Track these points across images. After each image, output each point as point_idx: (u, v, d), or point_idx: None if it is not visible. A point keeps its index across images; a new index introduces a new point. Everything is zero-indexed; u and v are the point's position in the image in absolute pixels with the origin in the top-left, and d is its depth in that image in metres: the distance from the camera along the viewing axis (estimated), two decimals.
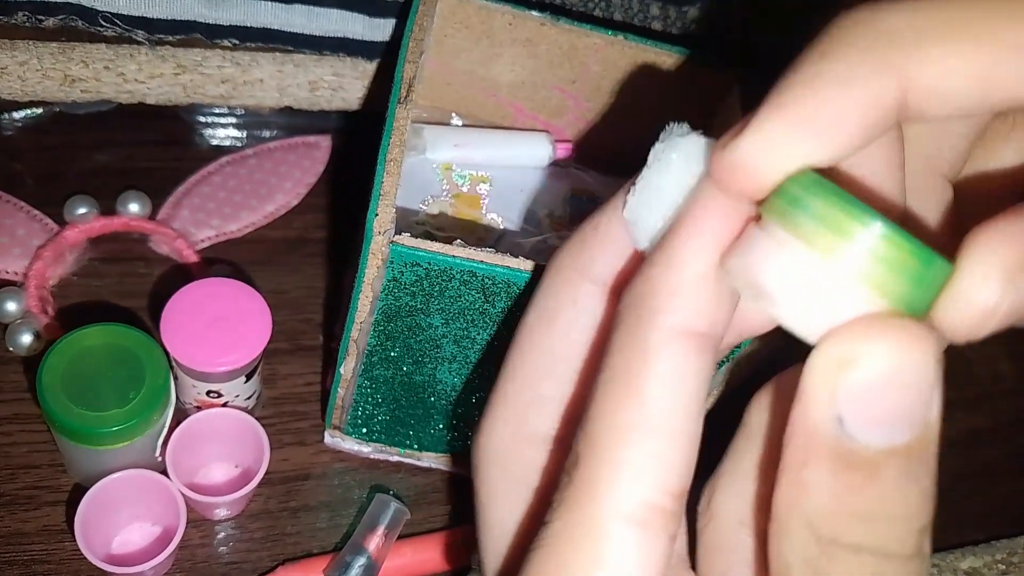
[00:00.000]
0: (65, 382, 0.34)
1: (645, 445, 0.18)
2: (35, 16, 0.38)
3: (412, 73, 0.34)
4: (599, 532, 0.18)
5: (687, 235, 0.19)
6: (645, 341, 0.18)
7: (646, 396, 0.18)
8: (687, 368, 0.18)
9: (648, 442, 0.18)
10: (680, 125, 0.21)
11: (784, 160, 0.18)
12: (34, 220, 0.44)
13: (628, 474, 0.18)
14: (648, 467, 0.18)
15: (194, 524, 0.39)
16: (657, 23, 0.46)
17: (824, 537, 0.17)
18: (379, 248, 0.30)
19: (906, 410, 0.17)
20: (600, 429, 0.19)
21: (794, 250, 0.17)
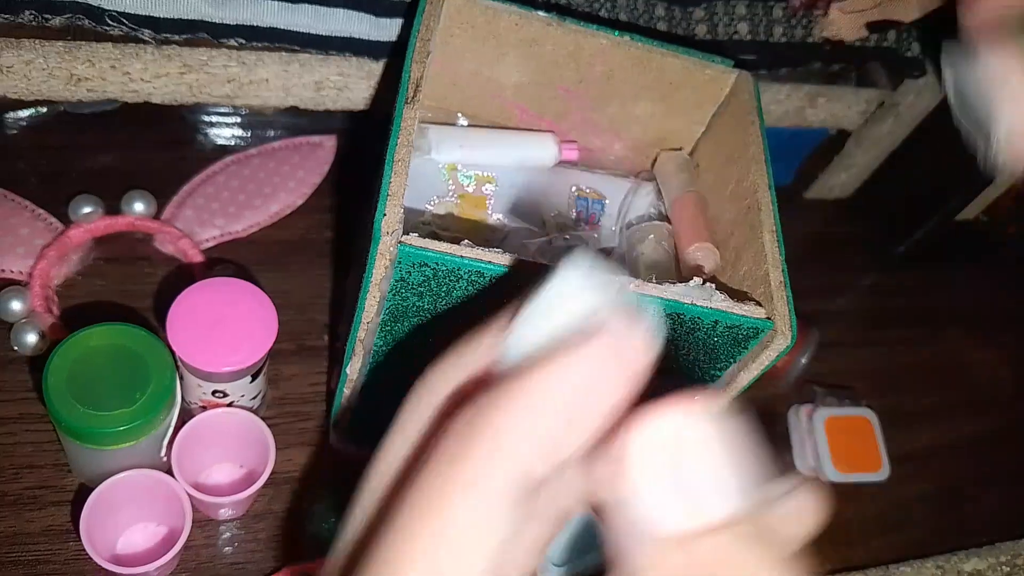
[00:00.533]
0: (70, 382, 0.34)
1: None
2: (41, 15, 0.38)
3: (419, 73, 0.34)
4: None
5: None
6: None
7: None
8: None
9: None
10: (578, 256, 0.21)
11: None
12: (38, 219, 0.44)
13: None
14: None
15: (198, 524, 0.39)
16: (662, 24, 0.46)
17: None
18: (387, 248, 0.30)
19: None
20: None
21: None
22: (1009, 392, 0.59)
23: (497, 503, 0.18)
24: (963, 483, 0.53)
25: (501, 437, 0.19)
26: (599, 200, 0.43)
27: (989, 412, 0.57)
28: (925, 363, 0.57)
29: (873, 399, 0.52)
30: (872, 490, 0.49)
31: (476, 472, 0.19)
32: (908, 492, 0.51)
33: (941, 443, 0.54)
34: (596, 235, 0.42)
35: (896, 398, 0.54)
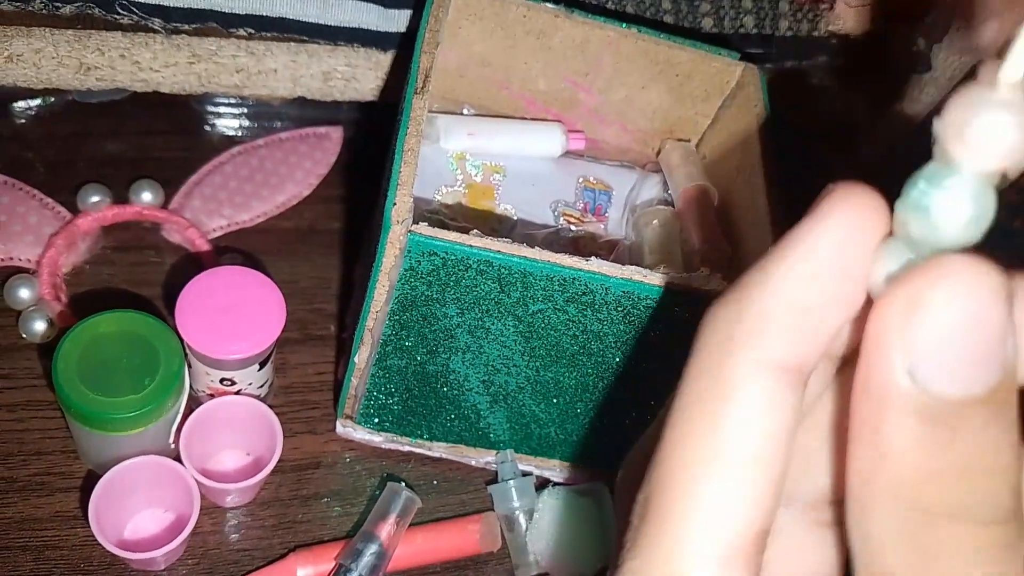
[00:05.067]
0: (80, 368, 0.34)
1: (721, 486, 0.17)
2: (52, 3, 0.38)
3: (428, 64, 0.34)
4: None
5: (788, 257, 0.17)
6: (728, 374, 0.17)
7: (727, 428, 0.17)
8: (773, 408, 0.17)
9: (724, 483, 0.17)
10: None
11: None
12: (46, 208, 0.44)
13: (701, 517, 0.17)
14: (723, 509, 0.17)
15: (205, 511, 0.39)
16: (669, 16, 0.47)
17: (916, 505, 0.16)
18: (397, 237, 0.30)
19: (984, 353, 0.15)
20: (674, 463, 0.17)
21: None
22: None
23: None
24: None
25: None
26: (606, 191, 0.43)
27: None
28: None
29: None
30: None
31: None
32: None
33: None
34: (603, 226, 0.42)
35: None
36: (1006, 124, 0.15)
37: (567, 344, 0.34)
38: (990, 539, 0.16)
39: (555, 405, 0.38)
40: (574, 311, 0.33)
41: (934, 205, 0.16)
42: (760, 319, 0.17)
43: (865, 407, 0.16)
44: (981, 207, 0.16)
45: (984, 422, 0.15)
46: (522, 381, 0.37)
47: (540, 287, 0.32)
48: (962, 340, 0.15)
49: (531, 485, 0.41)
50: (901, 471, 0.16)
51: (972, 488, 0.16)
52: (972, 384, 0.15)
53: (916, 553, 0.16)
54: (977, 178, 0.16)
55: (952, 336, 0.15)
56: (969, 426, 0.15)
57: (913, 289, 0.15)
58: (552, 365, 0.35)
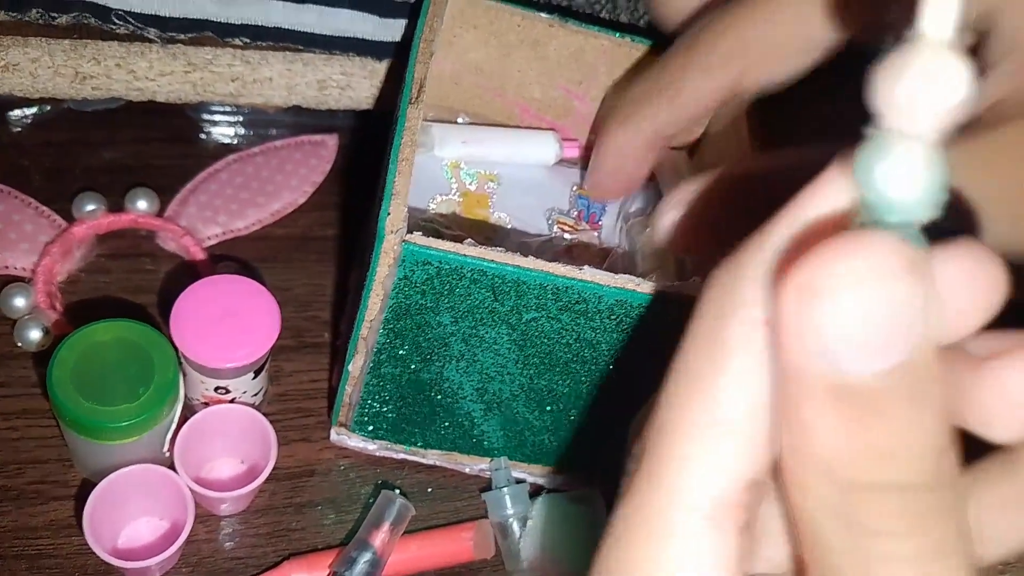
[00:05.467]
0: (75, 377, 0.35)
1: (715, 440, 0.17)
2: (48, 13, 0.38)
3: (423, 74, 0.35)
4: (665, 526, 0.18)
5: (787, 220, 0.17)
6: (726, 333, 0.17)
7: (718, 388, 0.17)
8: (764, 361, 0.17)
9: (718, 438, 0.17)
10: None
11: None
12: (42, 216, 0.45)
13: (696, 466, 0.17)
14: (716, 462, 0.17)
15: (200, 519, 0.39)
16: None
17: (843, 481, 0.16)
18: (391, 247, 0.30)
19: (891, 329, 0.15)
20: (669, 420, 0.18)
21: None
22: None
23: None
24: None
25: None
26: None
27: None
28: None
29: None
30: None
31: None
32: None
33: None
34: (597, 234, 0.42)
35: None
36: (933, 82, 0.14)
37: (561, 352, 0.34)
38: (916, 507, 0.16)
39: (549, 413, 0.38)
40: (568, 319, 0.33)
41: (878, 175, 0.15)
42: (757, 278, 0.17)
43: (786, 388, 0.16)
44: (925, 173, 0.15)
45: (900, 396, 0.15)
46: (516, 389, 0.37)
47: (534, 296, 0.32)
48: (866, 319, 0.15)
49: (525, 492, 0.41)
50: (825, 450, 0.16)
51: (893, 461, 0.16)
52: (884, 361, 0.15)
53: (848, 526, 0.16)
54: (917, 143, 0.15)
55: (856, 316, 0.15)
56: (887, 402, 0.15)
57: (813, 272, 0.15)
58: (546, 373, 0.36)
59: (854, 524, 0.16)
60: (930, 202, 0.15)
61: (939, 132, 0.15)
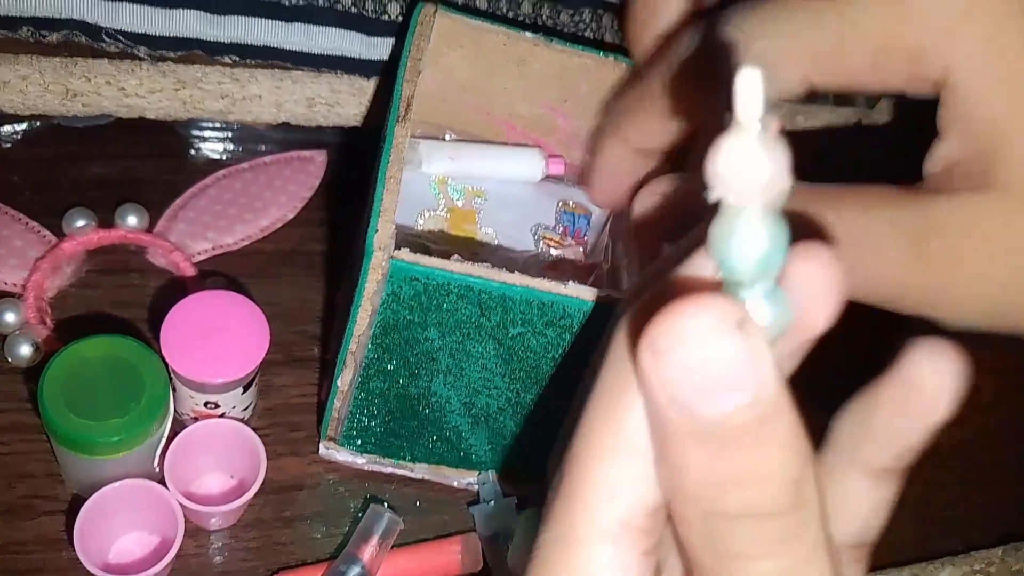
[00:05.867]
0: (66, 392, 0.35)
1: (621, 467, 0.19)
2: (39, 31, 0.39)
3: (410, 92, 0.35)
4: (579, 546, 0.20)
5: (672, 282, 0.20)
6: (629, 368, 0.19)
7: (625, 421, 0.19)
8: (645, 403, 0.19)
9: (624, 465, 0.19)
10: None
11: None
12: (32, 232, 0.45)
13: (604, 493, 0.20)
14: (621, 487, 0.20)
15: (189, 533, 0.39)
16: None
17: (707, 511, 0.19)
18: (379, 263, 0.31)
19: (725, 378, 0.17)
20: (583, 449, 0.20)
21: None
22: (987, 400, 0.60)
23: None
24: (939, 491, 0.54)
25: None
26: (585, 215, 0.44)
27: (967, 420, 0.58)
28: None
29: None
30: None
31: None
32: None
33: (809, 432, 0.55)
34: (582, 249, 0.43)
35: None
36: (745, 163, 0.17)
37: (547, 366, 0.35)
38: (772, 532, 0.18)
39: (535, 426, 0.38)
40: (553, 334, 0.33)
41: (720, 245, 0.18)
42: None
43: (655, 433, 0.19)
44: (757, 241, 0.17)
45: (747, 433, 0.18)
46: (503, 403, 0.37)
47: (519, 311, 0.33)
48: (701, 371, 0.17)
49: (512, 505, 0.41)
50: (691, 485, 0.18)
51: (746, 491, 0.18)
52: (723, 404, 0.17)
53: (717, 552, 0.19)
54: (747, 215, 0.17)
55: (692, 370, 0.17)
56: (734, 439, 0.18)
57: (653, 335, 0.18)
58: (532, 387, 0.36)
59: (721, 550, 0.19)
60: (765, 263, 0.18)
61: (764, 204, 0.17)
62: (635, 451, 0.19)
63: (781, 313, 0.18)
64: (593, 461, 0.20)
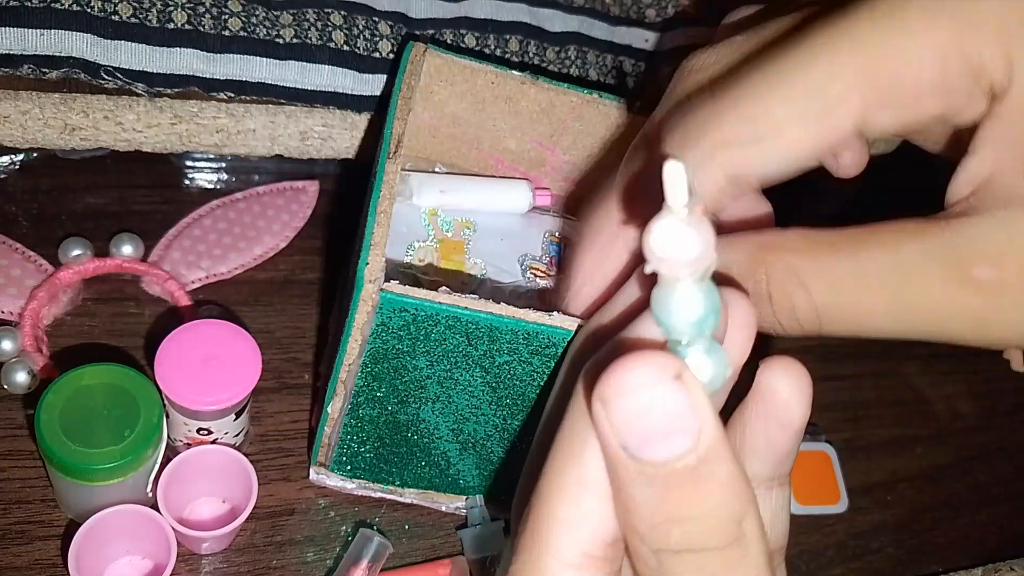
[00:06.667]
0: (63, 420, 0.36)
1: (582, 503, 0.21)
2: (39, 68, 0.40)
3: (401, 130, 0.36)
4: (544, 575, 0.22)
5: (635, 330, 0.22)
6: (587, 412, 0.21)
7: (585, 462, 0.21)
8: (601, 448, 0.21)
9: (584, 500, 0.21)
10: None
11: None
12: (29, 261, 0.46)
13: (567, 527, 0.21)
14: (582, 521, 0.21)
15: (182, 558, 0.40)
16: (631, 79, 0.49)
17: (654, 547, 0.20)
18: (369, 295, 0.32)
19: (667, 424, 0.19)
20: (548, 487, 0.22)
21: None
22: (969, 424, 0.61)
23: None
24: (923, 513, 0.54)
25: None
26: (572, 244, 0.45)
27: (949, 444, 0.59)
28: (885, 397, 0.59)
29: (833, 433, 0.54)
30: (831, 520, 0.51)
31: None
32: (868, 523, 0.53)
33: (901, 475, 0.56)
34: None
35: (856, 431, 0.56)
36: (681, 239, 0.19)
37: (533, 394, 0.36)
38: (713, 566, 0.20)
39: (522, 452, 0.39)
40: (539, 363, 0.34)
41: (658, 309, 0.20)
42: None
43: (609, 475, 0.21)
44: (690, 306, 0.20)
45: (689, 475, 0.19)
46: (490, 429, 0.38)
47: (506, 340, 0.34)
48: (645, 418, 0.19)
49: (500, 529, 0.42)
50: (639, 522, 0.20)
51: (689, 527, 0.20)
52: (667, 449, 0.19)
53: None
54: (680, 284, 0.20)
55: (637, 417, 0.19)
56: (677, 481, 0.19)
57: (602, 387, 0.20)
58: (519, 414, 0.37)
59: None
60: (702, 324, 0.20)
61: (695, 275, 0.20)
62: (595, 488, 0.21)
63: (720, 366, 0.21)
64: (557, 498, 0.22)
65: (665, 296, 0.20)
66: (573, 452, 0.22)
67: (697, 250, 0.19)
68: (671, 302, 0.20)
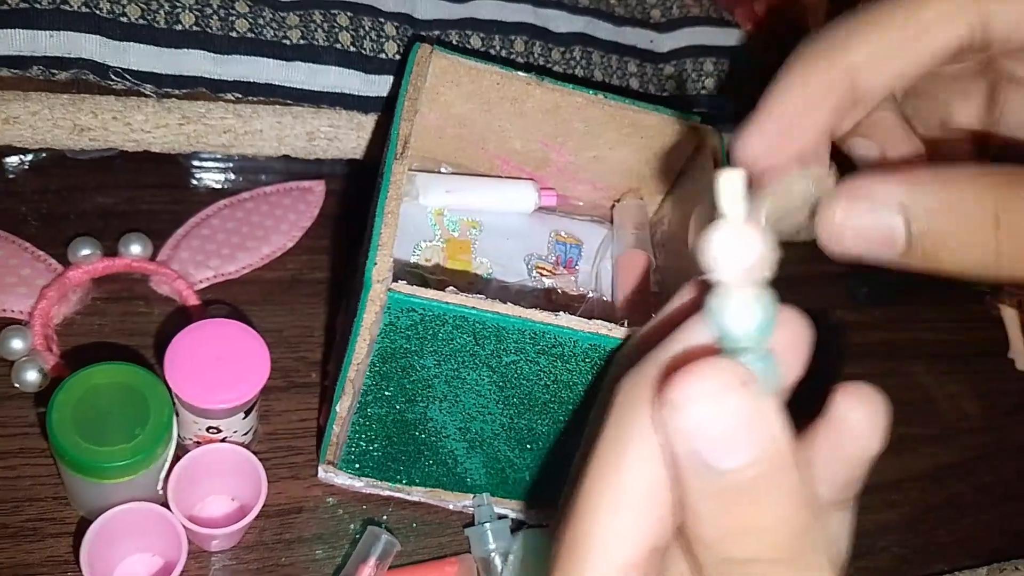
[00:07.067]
0: (74, 419, 0.36)
1: (622, 514, 0.21)
2: (49, 70, 0.40)
3: (408, 131, 0.37)
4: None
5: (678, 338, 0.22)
6: (628, 425, 0.21)
7: (625, 474, 0.21)
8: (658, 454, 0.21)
9: (626, 510, 0.21)
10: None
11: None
12: (39, 261, 0.46)
13: (606, 536, 0.21)
14: (624, 529, 0.21)
15: (192, 555, 0.40)
16: (635, 80, 0.49)
17: (721, 556, 0.20)
18: (377, 295, 0.32)
19: (736, 433, 0.19)
20: (587, 497, 0.22)
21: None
22: (975, 424, 0.61)
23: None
24: (928, 513, 0.55)
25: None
26: (576, 244, 0.45)
27: (954, 444, 0.59)
28: (891, 397, 0.59)
29: None
30: None
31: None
32: (873, 522, 0.53)
33: (907, 475, 0.56)
34: (573, 278, 0.44)
35: None
36: (738, 247, 0.20)
37: (539, 393, 0.36)
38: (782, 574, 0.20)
39: (529, 450, 0.40)
40: (545, 362, 0.35)
41: (718, 317, 0.20)
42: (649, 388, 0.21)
43: (677, 482, 0.21)
44: (752, 313, 0.20)
45: (758, 485, 0.19)
46: (497, 428, 0.38)
47: (513, 340, 0.34)
48: (715, 426, 0.19)
49: (507, 527, 0.42)
50: (707, 531, 0.20)
51: (757, 537, 0.20)
52: (736, 458, 0.19)
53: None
54: (742, 291, 0.20)
55: (708, 424, 0.19)
56: (747, 490, 0.19)
57: (673, 392, 0.20)
58: (525, 413, 0.37)
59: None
60: (761, 331, 0.20)
61: (752, 282, 0.20)
62: (636, 498, 0.21)
63: (774, 376, 0.21)
64: (597, 507, 0.22)
65: (722, 303, 0.20)
66: (613, 462, 0.22)
67: (754, 257, 0.20)
68: (728, 309, 0.20)
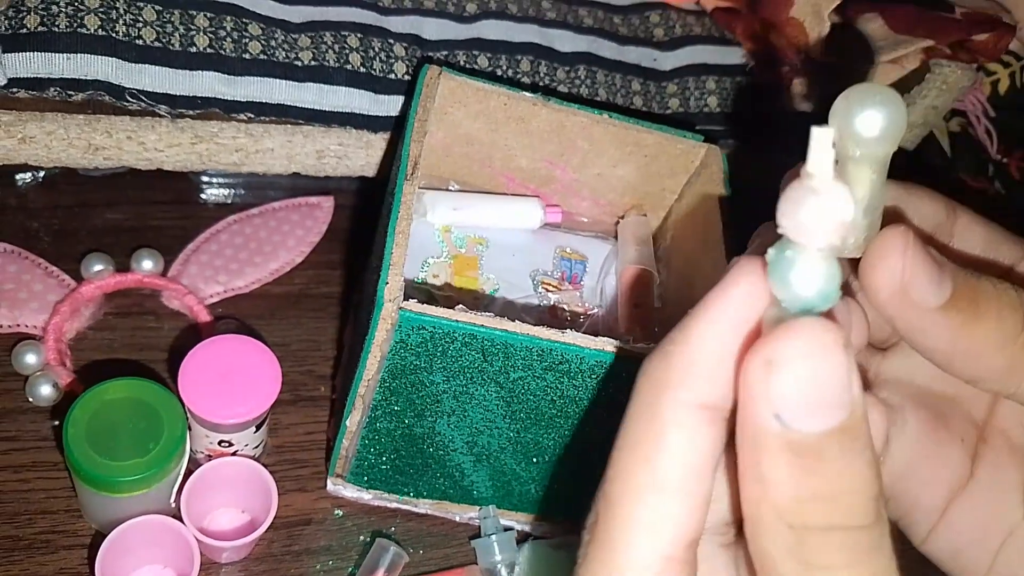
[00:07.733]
0: (89, 434, 0.37)
1: (657, 505, 0.20)
2: (65, 91, 0.41)
3: (417, 152, 0.37)
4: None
5: (705, 318, 0.21)
6: (660, 413, 0.21)
7: (657, 461, 0.20)
8: (697, 439, 0.20)
9: (659, 502, 0.20)
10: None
11: None
12: (51, 276, 0.47)
13: (643, 528, 0.20)
14: (659, 524, 0.20)
15: (203, 567, 0.41)
16: (638, 98, 0.50)
17: (795, 524, 0.19)
18: (389, 313, 0.33)
19: (830, 395, 0.19)
20: (617, 489, 0.21)
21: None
22: None
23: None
24: None
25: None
26: (581, 260, 0.46)
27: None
28: None
29: None
30: None
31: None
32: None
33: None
34: (578, 294, 0.45)
35: None
36: (819, 208, 0.19)
37: (546, 408, 0.37)
38: (856, 545, 0.19)
39: (535, 464, 0.40)
40: (552, 378, 0.35)
41: (786, 277, 0.19)
42: (683, 367, 0.21)
43: (747, 446, 0.20)
44: (823, 276, 0.19)
45: (841, 449, 0.19)
46: (504, 442, 0.39)
47: (520, 357, 0.35)
48: (812, 386, 0.19)
49: (512, 539, 0.43)
50: (780, 497, 0.19)
51: (836, 504, 0.19)
52: (826, 420, 0.19)
53: (799, 563, 0.19)
54: (817, 252, 0.19)
55: (804, 384, 0.19)
56: (828, 455, 0.19)
57: (770, 349, 0.19)
58: (532, 427, 0.38)
59: (806, 562, 0.19)
60: (829, 297, 0.19)
61: (831, 246, 0.19)
62: (669, 488, 0.20)
63: None
64: (629, 500, 0.21)
65: (787, 264, 0.19)
66: (644, 454, 0.21)
67: (835, 220, 0.19)
68: (794, 271, 0.19)
